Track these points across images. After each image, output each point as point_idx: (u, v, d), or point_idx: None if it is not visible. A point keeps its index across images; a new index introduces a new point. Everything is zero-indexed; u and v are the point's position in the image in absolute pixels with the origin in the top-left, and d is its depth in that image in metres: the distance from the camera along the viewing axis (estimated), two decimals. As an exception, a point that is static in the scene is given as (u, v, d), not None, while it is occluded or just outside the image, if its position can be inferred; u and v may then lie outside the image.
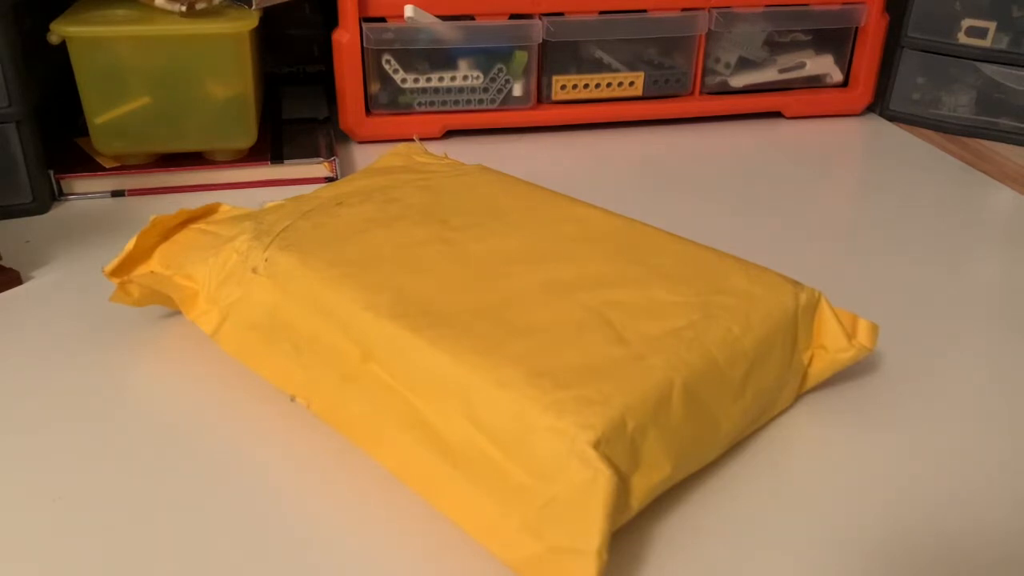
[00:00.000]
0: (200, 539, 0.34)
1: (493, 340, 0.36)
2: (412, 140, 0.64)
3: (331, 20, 0.72)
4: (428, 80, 0.73)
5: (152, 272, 0.47)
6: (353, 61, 0.71)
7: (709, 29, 0.76)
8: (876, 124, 0.81)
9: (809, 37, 0.80)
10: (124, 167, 0.64)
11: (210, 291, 0.44)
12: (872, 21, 0.79)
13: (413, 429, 0.35)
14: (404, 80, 0.73)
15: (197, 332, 0.46)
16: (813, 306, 0.41)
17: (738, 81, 0.80)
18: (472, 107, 0.75)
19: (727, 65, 0.79)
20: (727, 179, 0.68)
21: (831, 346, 0.41)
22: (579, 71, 0.76)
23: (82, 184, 0.64)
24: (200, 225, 0.48)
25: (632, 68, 0.77)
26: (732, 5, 0.76)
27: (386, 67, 0.72)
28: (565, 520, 0.31)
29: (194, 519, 0.35)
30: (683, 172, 0.70)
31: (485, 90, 0.74)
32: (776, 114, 0.82)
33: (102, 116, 0.62)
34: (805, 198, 0.65)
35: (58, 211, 0.62)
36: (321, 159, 0.67)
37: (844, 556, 0.34)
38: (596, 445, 0.31)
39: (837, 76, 0.82)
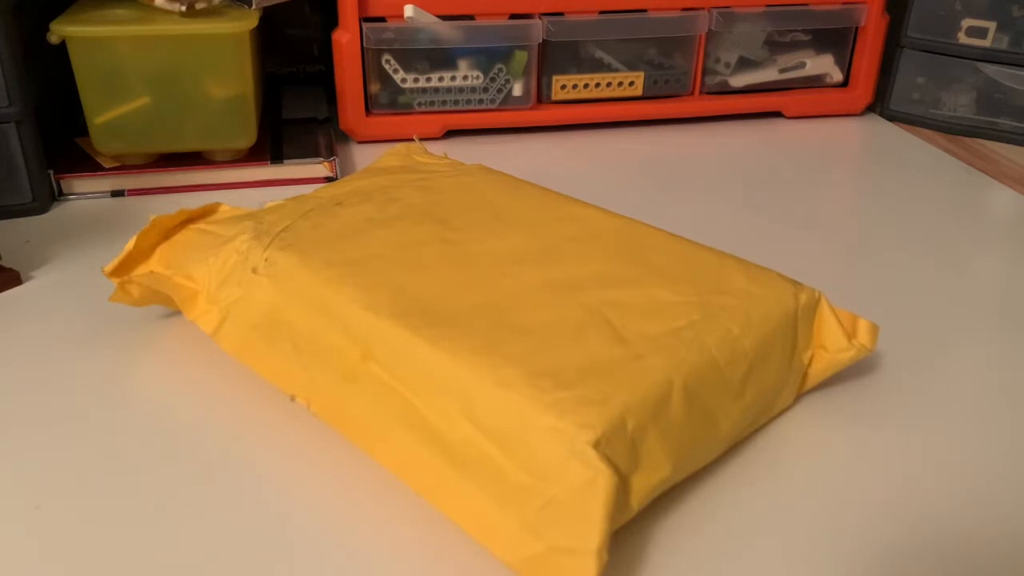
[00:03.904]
0: (200, 540, 0.34)
1: (493, 340, 0.36)
2: (412, 140, 0.64)
3: (331, 20, 0.72)
4: (428, 80, 0.73)
5: (152, 272, 0.47)
6: (353, 61, 0.71)
7: (709, 29, 0.76)
8: (876, 124, 0.81)
9: (809, 37, 0.80)
10: (124, 167, 0.64)
11: (210, 291, 0.44)
12: (872, 21, 0.79)
13: (413, 429, 0.35)
14: (404, 80, 0.73)
15: (197, 332, 0.46)
16: (813, 306, 0.41)
17: (738, 81, 0.80)
18: (472, 107, 0.75)
19: (727, 65, 0.79)
20: (727, 179, 0.68)
21: (831, 346, 0.41)
22: (579, 71, 0.76)
23: (82, 184, 0.64)
24: (200, 225, 0.48)
25: (632, 68, 0.77)
26: (732, 5, 0.76)
27: (386, 67, 0.72)
28: (565, 520, 0.31)
29: (194, 519, 0.35)
30: (683, 172, 0.70)
31: (485, 90, 0.74)
32: (776, 114, 0.82)
33: (102, 116, 0.62)
34: (805, 198, 0.65)
35: (58, 211, 0.62)
36: (321, 159, 0.67)
37: (845, 556, 0.34)
38: (596, 445, 0.31)
39: (837, 76, 0.82)
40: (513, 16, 0.72)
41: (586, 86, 0.76)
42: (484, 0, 0.71)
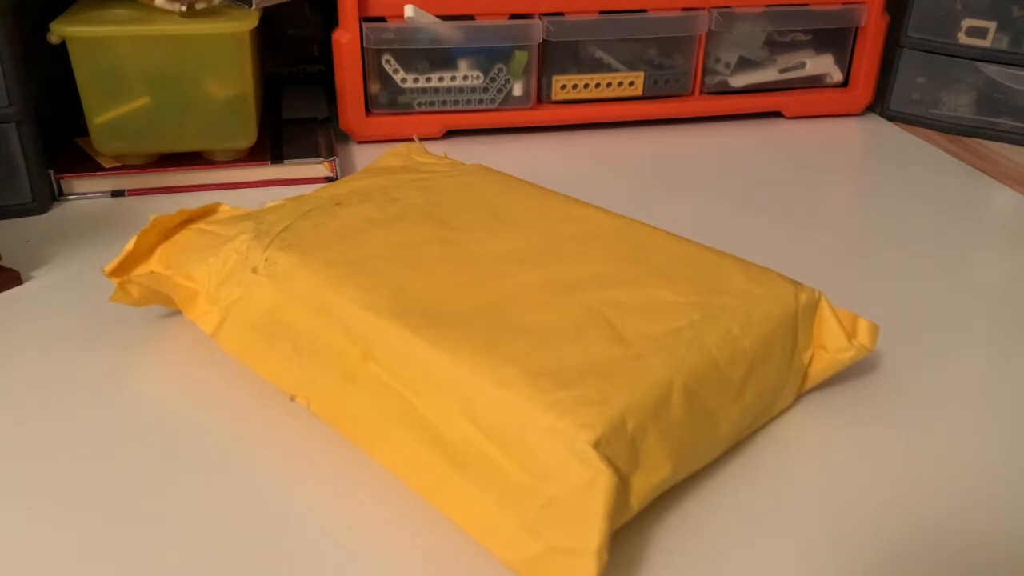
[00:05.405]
0: (199, 540, 0.34)
1: (493, 340, 0.36)
2: (412, 140, 0.64)
3: (331, 20, 0.72)
4: (428, 80, 0.73)
5: (152, 272, 0.47)
6: (353, 61, 0.71)
7: (709, 29, 0.76)
8: (876, 124, 0.81)
9: (809, 37, 0.80)
10: (124, 167, 0.64)
11: (210, 291, 0.44)
12: (872, 21, 0.79)
13: (413, 429, 0.35)
14: (404, 80, 0.73)
15: (197, 332, 0.46)
16: (813, 306, 0.41)
17: (738, 81, 0.80)
18: (472, 107, 0.75)
19: (727, 65, 0.79)
20: (727, 179, 0.68)
21: (831, 346, 0.41)
22: (579, 71, 0.76)
23: (82, 184, 0.64)
24: (200, 225, 0.48)
25: (632, 68, 0.77)
26: (732, 5, 0.76)
27: (386, 67, 0.72)
28: (565, 520, 0.31)
29: (193, 519, 0.35)
30: (683, 172, 0.70)
31: (485, 90, 0.74)
32: (776, 114, 0.82)
33: (102, 116, 0.62)
34: (805, 198, 0.65)
35: (58, 211, 0.62)
36: (321, 159, 0.67)
37: (845, 556, 0.34)
38: (596, 445, 0.31)
39: (837, 76, 0.82)
40: (513, 16, 0.72)
41: (586, 86, 0.76)
42: (484, 0, 0.71)
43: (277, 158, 0.67)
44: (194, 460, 0.38)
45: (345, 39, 0.70)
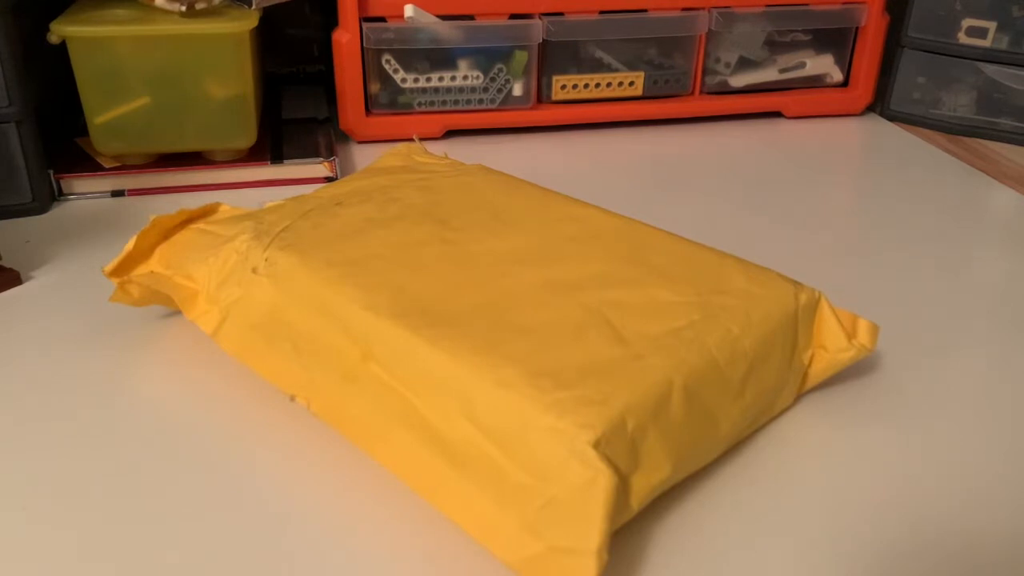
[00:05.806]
0: (199, 540, 0.34)
1: (493, 340, 0.36)
2: (412, 140, 0.64)
3: (331, 20, 0.72)
4: (428, 80, 0.73)
5: (152, 272, 0.47)
6: (353, 61, 0.71)
7: (709, 29, 0.76)
8: (876, 124, 0.81)
9: (809, 37, 0.80)
10: (124, 167, 0.64)
11: (210, 291, 0.44)
12: (872, 21, 0.79)
13: (413, 429, 0.35)
14: (404, 80, 0.73)
15: (197, 332, 0.46)
16: (813, 306, 0.41)
17: (738, 81, 0.80)
18: (472, 107, 0.75)
19: (727, 65, 0.79)
20: (727, 179, 0.68)
21: (831, 346, 0.41)
22: (579, 71, 0.76)
23: (82, 184, 0.64)
24: (200, 225, 0.48)
25: (632, 68, 0.77)
26: (732, 5, 0.76)
27: (386, 67, 0.72)
28: (565, 520, 0.31)
29: (193, 519, 0.35)
30: (683, 172, 0.70)
31: (485, 90, 0.74)
32: (776, 114, 0.82)
33: (102, 116, 0.62)
34: (805, 198, 0.65)
35: (58, 211, 0.62)
36: (321, 159, 0.67)
37: (845, 556, 0.34)
38: (596, 445, 0.31)
39: (837, 76, 0.82)
40: (513, 16, 0.72)
41: (586, 86, 0.76)
42: (484, 0, 0.71)
43: (277, 158, 0.67)
44: (194, 460, 0.38)
45: (345, 39, 0.70)
